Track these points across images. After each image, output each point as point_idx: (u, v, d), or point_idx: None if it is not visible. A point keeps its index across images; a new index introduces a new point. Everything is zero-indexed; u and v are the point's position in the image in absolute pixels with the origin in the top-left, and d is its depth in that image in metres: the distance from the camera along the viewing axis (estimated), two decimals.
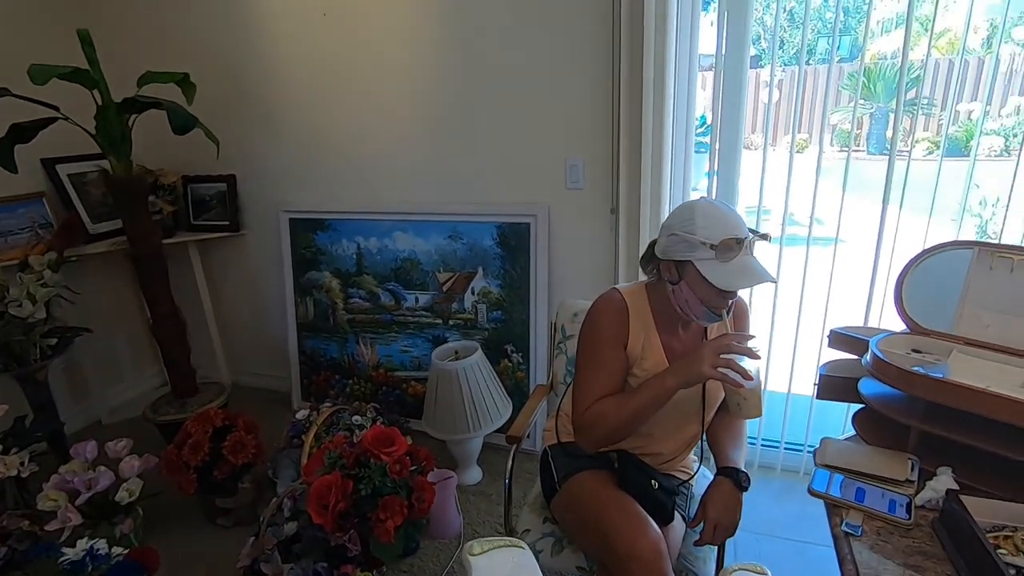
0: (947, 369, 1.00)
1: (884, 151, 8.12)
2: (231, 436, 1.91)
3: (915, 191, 1.90)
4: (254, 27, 2.37)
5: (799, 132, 8.03)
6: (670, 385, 1.06)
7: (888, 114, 8.78)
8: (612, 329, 1.18)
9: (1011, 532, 0.83)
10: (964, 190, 1.91)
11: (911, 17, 1.71)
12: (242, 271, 2.77)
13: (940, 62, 8.21)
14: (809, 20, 5.45)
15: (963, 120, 7.59)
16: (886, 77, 8.96)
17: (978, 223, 4.02)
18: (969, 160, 1.94)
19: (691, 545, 1.24)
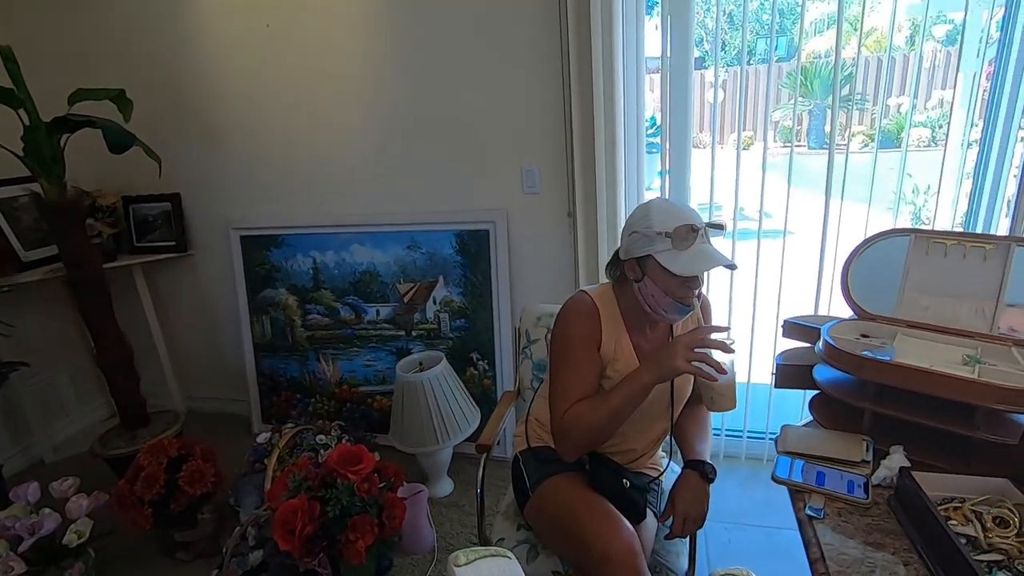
0: (893, 352, 1.05)
1: (824, 145, 8.50)
2: (187, 466, 1.82)
3: (854, 182, 1.99)
4: (194, 40, 2.29)
5: (744, 130, 8.33)
6: (645, 381, 1.05)
7: (825, 110, 9.19)
8: (584, 331, 1.17)
9: (960, 503, 0.87)
10: (899, 180, 2.01)
11: (842, 18, 1.80)
12: (192, 293, 2.66)
13: (870, 59, 8.67)
14: (748, 22, 5.66)
15: (894, 113, 8.05)
16: (821, 75, 9.39)
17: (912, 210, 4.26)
18: (901, 151, 2.06)
19: (663, 540, 1.25)
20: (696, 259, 1.04)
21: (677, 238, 1.05)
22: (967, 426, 0.95)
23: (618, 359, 1.18)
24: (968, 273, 1.09)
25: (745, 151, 6.54)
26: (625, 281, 1.18)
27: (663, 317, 1.13)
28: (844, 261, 1.22)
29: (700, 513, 1.14)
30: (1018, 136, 1.64)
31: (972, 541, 0.81)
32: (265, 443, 2.00)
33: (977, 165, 1.79)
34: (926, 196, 4.30)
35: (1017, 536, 0.81)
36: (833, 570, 0.82)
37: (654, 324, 1.22)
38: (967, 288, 1.09)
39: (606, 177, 1.92)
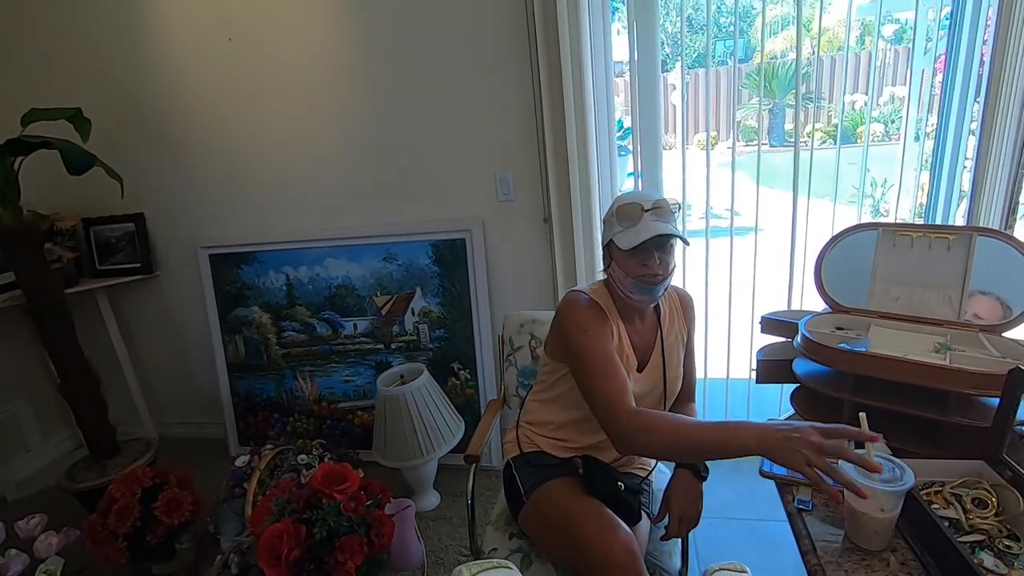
0: (868, 343, 1.08)
1: (785, 143, 8.76)
2: (163, 494, 1.76)
3: (815, 178, 2.05)
4: (154, 55, 2.23)
5: (708, 130, 8.51)
6: (748, 447, 0.86)
7: (785, 108, 9.45)
8: (599, 326, 1.14)
9: (940, 487, 0.90)
10: (861, 174, 2.08)
11: (800, 20, 1.85)
12: (160, 315, 2.58)
13: (824, 59, 8.96)
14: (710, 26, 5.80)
15: (849, 111, 8.34)
16: (779, 75, 9.67)
17: (871, 203, 4.42)
18: (860, 147, 2.12)
19: (657, 541, 1.26)
20: (641, 233, 1.07)
21: (624, 216, 1.11)
22: (941, 411, 0.98)
23: (621, 351, 1.18)
24: (934, 263, 1.13)
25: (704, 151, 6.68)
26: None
27: (633, 300, 1.14)
28: (816, 256, 1.26)
29: (695, 512, 1.14)
30: (970, 129, 1.71)
31: (954, 523, 0.84)
32: (244, 466, 1.94)
33: (933, 157, 1.86)
34: (883, 189, 4.47)
35: (996, 516, 0.84)
36: (825, 560, 0.84)
37: (642, 315, 1.24)
38: (934, 277, 1.13)
39: (579, 181, 1.93)
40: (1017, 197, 1.66)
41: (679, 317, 1.29)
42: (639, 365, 1.22)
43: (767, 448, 0.83)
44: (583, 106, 1.84)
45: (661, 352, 1.23)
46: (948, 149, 1.79)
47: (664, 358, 1.23)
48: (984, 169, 1.63)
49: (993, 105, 1.57)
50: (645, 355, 1.24)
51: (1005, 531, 0.82)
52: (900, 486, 0.80)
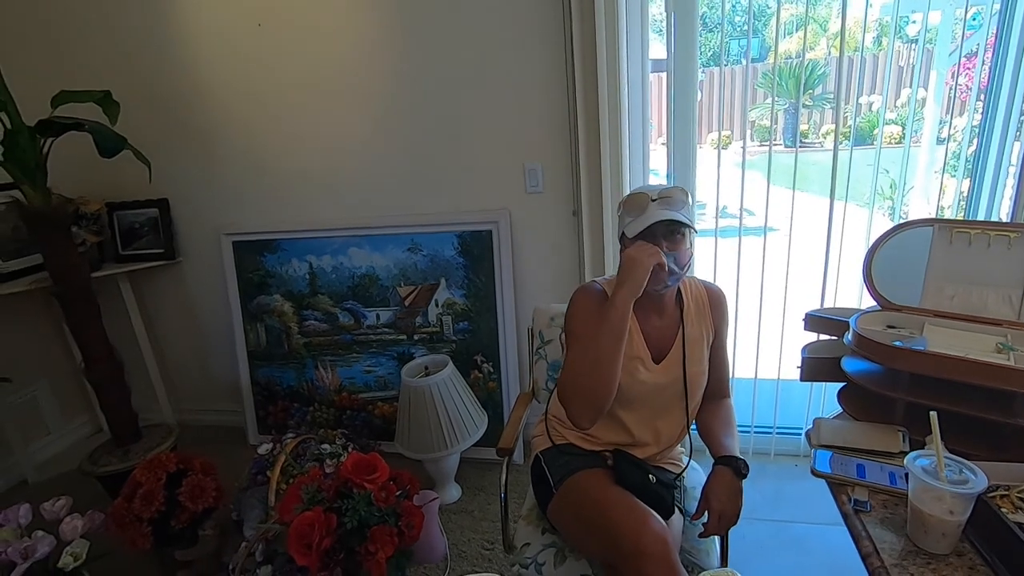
0: (925, 341, 1.05)
1: (801, 143, 8.66)
2: (187, 480, 1.75)
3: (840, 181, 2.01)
4: (182, 40, 2.21)
5: (723, 129, 8.45)
6: (620, 295, 1.08)
7: (800, 109, 9.35)
8: (595, 315, 1.15)
9: (1006, 491, 0.87)
10: (873, 175, 2.05)
11: (807, 21, 1.82)
12: (182, 301, 2.58)
13: (841, 59, 8.85)
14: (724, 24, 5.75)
15: (866, 112, 8.25)
16: (795, 75, 9.58)
17: (890, 204, 4.36)
18: (875, 148, 2.08)
19: (693, 539, 1.23)
20: (646, 220, 1.09)
21: (632, 207, 1.14)
22: (1005, 413, 0.95)
23: (628, 344, 1.17)
24: (993, 261, 1.09)
25: (724, 150, 6.64)
26: None
27: (650, 287, 1.12)
28: (867, 252, 1.23)
29: (735, 510, 1.12)
30: (1016, 130, 1.67)
31: None
32: (267, 454, 1.93)
33: (975, 158, 1.82)
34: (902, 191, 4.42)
35: None
36: (889, 563, 0.81)
37: (661, 309, 1.22)
38: (993, 276, 1.10)
39: (611, 176, 1.91)
40: None
41: (706, 313, 1.27)
42: (656, 357, 1.22)
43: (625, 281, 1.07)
44: (618, 101, 1.82)
45: (682, 346, 1.22)
46: (993, 150, 1.75)
47: (685, 353, 1.21)
48: None
49: None
50: (663, 349, 1.23)
51: None
52: (971, 489, 0.78)
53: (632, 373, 1.20)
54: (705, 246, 2.07)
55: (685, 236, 1.15)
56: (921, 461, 0.83)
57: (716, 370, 1.31)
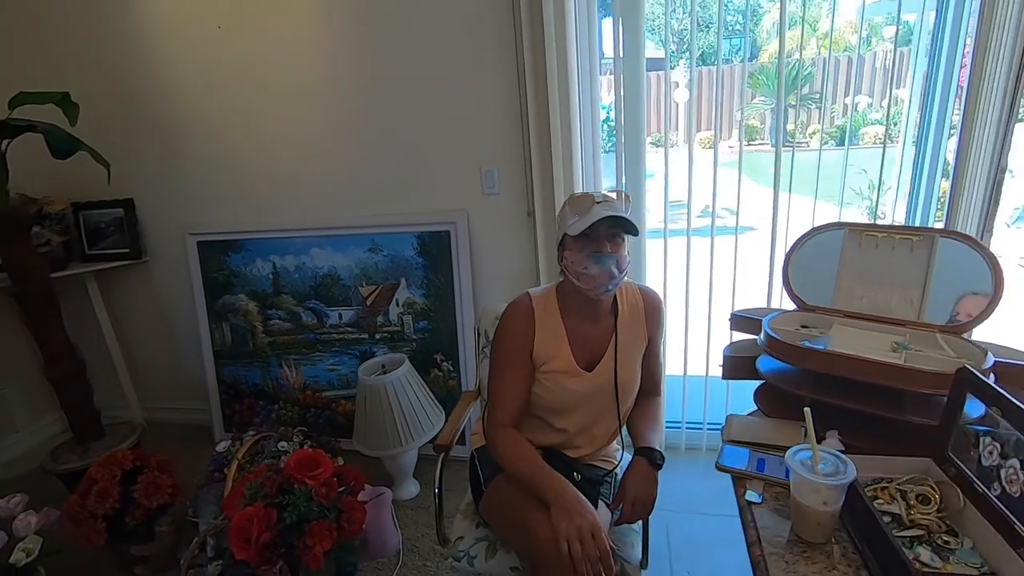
0: (828, 341, 1.09)
1: (786, 143, 8.71)
2: (143, 477, 1.78)
3: (816, 178, 2.04)
4: (143, 42, 2.24)
5: (708, 128, 8.52)
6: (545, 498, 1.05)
7: (787, 109, 9.40)
8: (517, 339, 1.22)
9: (888, 483, 0.91)
10: (842, 175, 2.08)
11: (783, 19, 1.86)
12: (148, 301, 2.60)
13: (828, 60, 8.92)
14: (713, 23, 5.76)
15: (851, 112, 8.31)
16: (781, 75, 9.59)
17: (868, 205, 4.42)
18: (857, 148, 2.11)
19: (619, 532, 1.27)
20: (589, 219, 1.11)
21: (575, 207, 1.14)
22: (896, 410, 0.99)
23: (554, 357, 1.21)
24: (897, 264, 1.14)
25: (709, 149, 6.71)
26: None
27: (586, 286, 1.15)
28: (785, 255, 1.27)
29: (649, 498, 1.16)
30: (949, 132, 1.72)
31: (896, 518, 0.85)
32: (224, 452, 1.96)
33: (915, 160, 1.87)
34: (878, 192, 4.47)
35: (937, 512, 0.85)
36: (768, 552, 0.85)
37: (596, 315, 1.24)
38: (897, 278, 1.14)
39: (563, 176, 1.94)
40: (997, 199, 1.67)
41: (641, 319, 1.28)
42: (587, 365, 1.24)
43: (555, 507, 1.02)
44: (568, 101, 1.85)
45: (614, 354, 1.24)
46: (928, 152, 1.79)
47: (617, 360, 1.24)
48: (963, 171, 1.63)
49: (973, 109, 1.57)
50: (596, 355, 1.25)
51: (944, 527, 0.83)
52: (841, 480, 0.82)
53: (562, 384, 1.23)
54: (680, 245, 2.10)
55: (626, 240, 1.18)
56: (801, 455, 0.87)
57: (648, 371, 1.34)
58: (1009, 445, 0.77)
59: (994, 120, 1.57)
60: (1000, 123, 1.57)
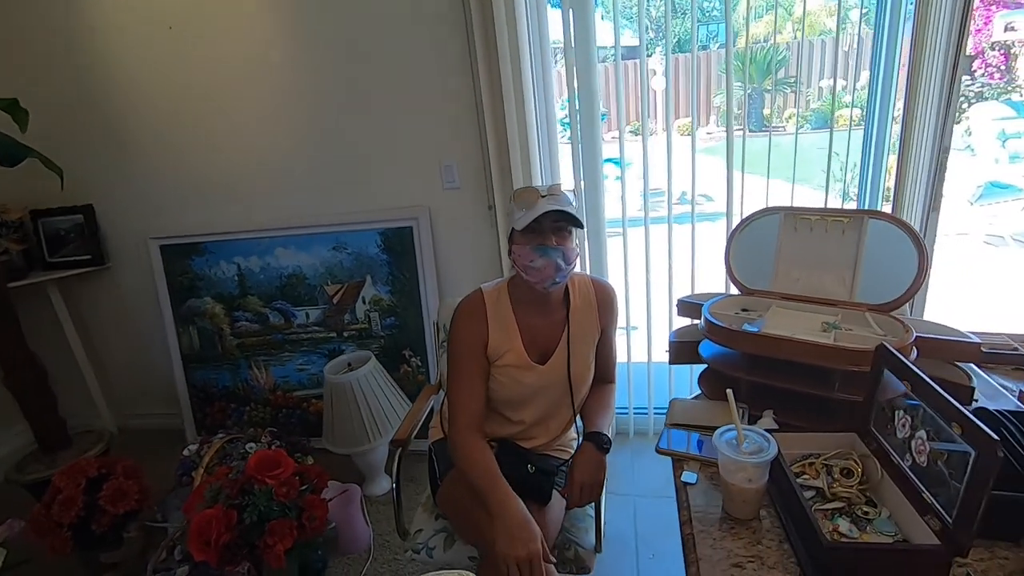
0: (763, 323, 1.12)
1: (763, 128, 8.80)
2: (108, 484, 1.78)
3: (790, 161, 2.06)
4: (92, 45, 2.20)
5: (687, 116, 8.55)
6: (493, 512, 1.05)
7: (763, 93, 9.45)
8: (470, 337, 1.22)
9: (815, 459, 0.94)
10: (790, 158, 2.10)
11: (738, 13, 1.87)
12: (113, 307, 2.58)
13: (802, 44, 8.98)
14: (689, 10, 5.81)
15: (826, 95, 8.39)
16: (757, 60, 9.67)
17: (841, 187, 4.48)
18: (834, 131, 2.08)
19: (573, 517, 1.30)
20: (534, 212, 1.11)
21: (521, 202, 1.14)
22: (826, 388, 1.02)
23: (507, 351, 1.22)
24: (830, 246, 1.16)
25: (686, 136, 6.73)
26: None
27: (534, 278, 1.16)
28: (727, 240, 1.29)
29: (596, 481, 1.18)
30: (893, 117, 1.75)
31: (819, 492, 0.88)
32: (192, 455, 1.96)
33: (863, 146, 1.90)
34: (853, 173, 4.54)
35: (860, 484, 0.88)
36: (698, 530, 0.88)
37: (547, 308, 1.26)
38: (830, 259, 1.17)
39: (521, 168, 1.95)
40: (942, 179, 1.71)
41: (594, 310, 1.29)
42: (540, 358, 1.25)
43: (498, 523, 1.02)
44: (521, 93, 1.86)
45: (567, 346, 1.25)
46: (875, 135, 1.83)
47: (569, 352, 1.25)
48: (907, 153, 1.67)
49: (914, 91, 1.60)
50: (549, 348, 1.26)
51: (864, 498, 0.86)
52: (763, 457, 0.84)
53: (516, 378, 1.24)
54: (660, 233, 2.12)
55: (572, 233, 1.19)
56: (727, 436, 0.89)
57: (602, 361, 1.35)
58: (918, 417, 0.80)
59: (935, 102, 1.60)
60: (940, 105, 1.60)
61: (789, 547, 0.82)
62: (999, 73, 7.50)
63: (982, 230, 4.35)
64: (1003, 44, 7.44)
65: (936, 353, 1.04)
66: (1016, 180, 4.45)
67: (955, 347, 1.04)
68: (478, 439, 1.20)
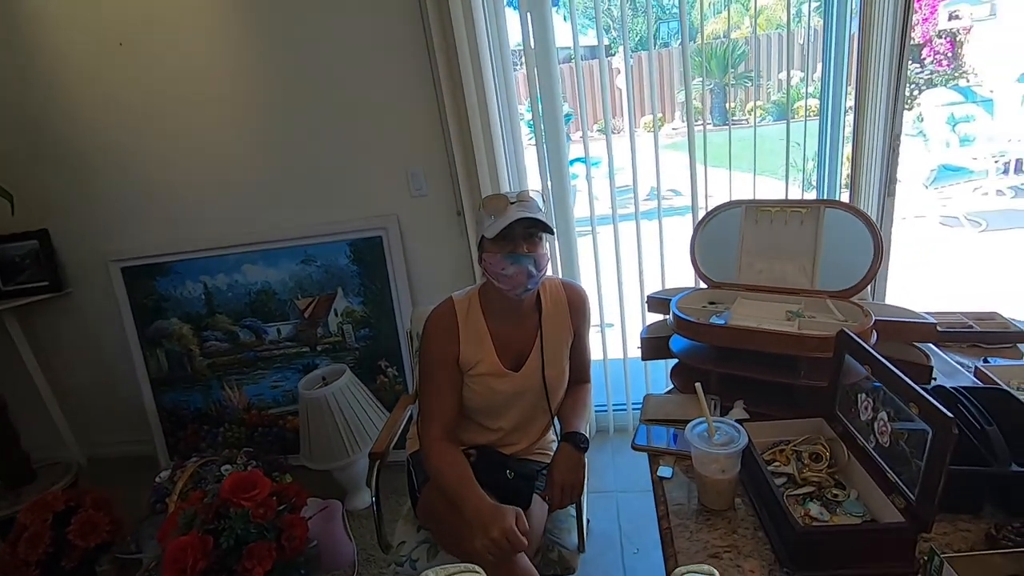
0: (729, 315, 1.14)
1: (727, 122, 8.98)
2: (77, 517, 1.71)
3: (751, 153, 2.10)
4: (41, 64, 2.13)
5: (649, 113, 8.68)
6: (464, 512, 1.06)
7: (724, 88, 9.64)
8: (441, 348, 1.22)
9: (784, 446, 0.96)
10: (751, 150, 2.14)
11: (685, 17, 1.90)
12: (75, 333, 2.49)
13: (761, 38, 9.20)
14: (647, 8, 5.88)
15: (785, 88, 8.61)
16: (717, 55, 9.87)
17: (803, 176, 4.60)
18: (792, 122, 2.12)
19: (555, 519, 1.30)
20: (504, 220, 1.11)
21: (491, 209, 1.14)
22: (793, 375, 1.04)
23: (479, 362, 1.22)
24: (790, 236, 1.19)
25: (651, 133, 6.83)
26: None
27: (507, 286, 1.15)
28: (691, 235, 1.31)
29: (575, 481, 1.19)
30: (846, 108, 1.80)
31: (790, 478, 0.90)
32: (165, 481, 1.91)
33: (819, 136, 1.95)
34: (813, 162, 4.67)
35: (829, 468, 0.90)
36: (675, 523, 0.89)
37: (519, 315, 1.26)
38: (791, 250, 1.19)
39: (488, 173, 1.95)
40: (895, 165, 1.76)
41: (565, 314, 1.29)
42: (514, 365, 1.25)
43: (473, 525, 1.03)
44: (484, 97, 1.86)
45: (540, 351, 1.25)
46: (829, 128, 1.88)
47: (543, 357, 1.25)
48: (861, 144, 1.72)
49: (863, 84, 1.65)
50: (523, 354, 1.26)
51: (833, 482, 0.88)
52: (734, 448, 0.86)
53: (490, 386, 1.24)
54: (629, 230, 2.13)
55: (543, 238, 1.19)
56: (698, 428, 0.91)
57: (577, 362, 1.36)
58: (879, 399, 0.82)
59: (884, 91, 1.66)
60: (890, 93, 1.65)
61: (764, 535, 0.83)
62: (946, 60, 7.79)
63: (938, 212, 4.51)
64: (949, 32, 7.75)
65: (895, 335, 1.07)
66: (967, 163, 4.62)
67: (913, 328, 1.08)
68: (450, 447, 1.20)
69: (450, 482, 1.12)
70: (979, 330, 1.26)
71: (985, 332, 1.25)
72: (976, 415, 0.85)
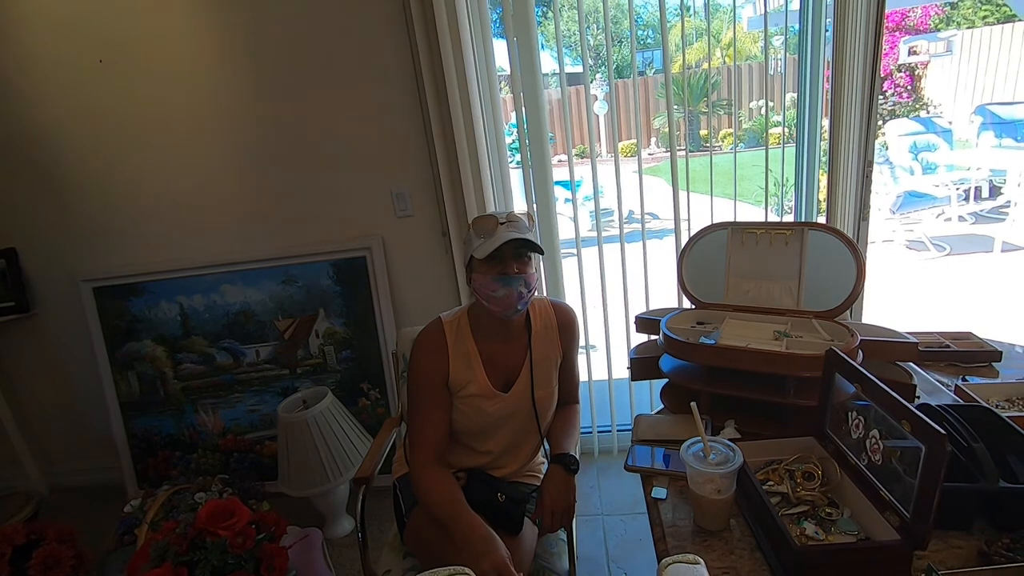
0: (718, 335, 1.15)
1: (701, 148, 9.23)
2: (38, 552, 1.61)
3: (727, 179, 2.15)
4: (16, 79, 2.08)
5: (631, 138, 8.90)
6: (460, 538, 1.04)
7: (699, 116, 9.94)
8: (430, 370, 1.20)
9: (777, 465, 0.97)
10: (755, 175, 2.21)
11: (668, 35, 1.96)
12: (41, 356, 2.39)
13: (733, 68, 9.56)
14: (626, 38, 6.02)
15: (756, 116, 8.92)
16: (691, 84, 10.21)
17: (776, 201, 4.74)
18: (768, 149, 2.18)
19: (546, 543, 1.28)
20: (495, 241, 1.10)
21: (480, 230, 1.13)
22: (782, 394, 1.06)
23: (469, 382, 1.21)
24: (776, 257, 1.22)
25: (631, 157, 6.98)
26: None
27: (496, 307, 1.15)
28: (678, 256, 1.33)
29: (567, 504, 1.17)
30: (820, 135, 1.86)
31: (785, 497, 0.90)
32: (135, 511, 1.82)
33: (796, 162, 2.01)
34: (785, 188, 4.81)
35: (821, 487, 0.91)
36: (672, 545, 0.88)
37: (508, 335, 1.25)
38: (777, 270, 1.22)
39: (474, 194, 1.96)
40: (868, 190, 1.83)
41: (555, 334, 1.29)
42: (504, 386, 1.24)
43: (466, 550, 1.01)
44: (471, 119, 1.87)
45: (530, 371, 1.24)
46: (805, 154, 1.94)
47: (533, 378, 1.24)
48: (836, 169, 1.78)
49: (837, 112, 1.72)
50: (512, 374, 1.25)
51: (827, 500, 0.89)
52: (730, 467, 0.86)
53: (480, 408, 1.22)
54: (612, 252, 2.14)
55: (532, 258, 1.19)
56: (694, 448, 0.91)
57: (565, 381, 1.35)
58: (870, 417, 0.84)
59: (857, 118, 1.72)
60: (862, 120, 1.72)
61: (761, 555, 0.83)
62: (907, 92, 8.19)
63: (904, 237, 4.67)
64: (908, 66, 8.16)
65: (879, 354, 1.09)
66: (930, 189, 4.82)
67: (896, 348, 1.10)
68: (440, 471, 1.18)
69: (442, 505, 1.09)
70: (957, 349, 1.29)
71: (963, 351, 1.29)
72: (963, 432, 0.86)
